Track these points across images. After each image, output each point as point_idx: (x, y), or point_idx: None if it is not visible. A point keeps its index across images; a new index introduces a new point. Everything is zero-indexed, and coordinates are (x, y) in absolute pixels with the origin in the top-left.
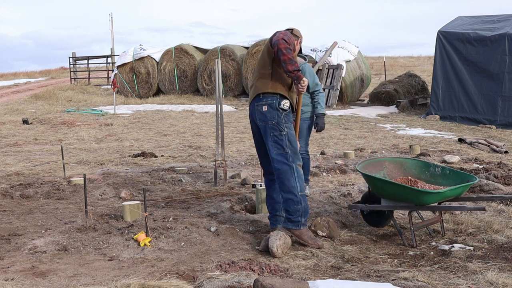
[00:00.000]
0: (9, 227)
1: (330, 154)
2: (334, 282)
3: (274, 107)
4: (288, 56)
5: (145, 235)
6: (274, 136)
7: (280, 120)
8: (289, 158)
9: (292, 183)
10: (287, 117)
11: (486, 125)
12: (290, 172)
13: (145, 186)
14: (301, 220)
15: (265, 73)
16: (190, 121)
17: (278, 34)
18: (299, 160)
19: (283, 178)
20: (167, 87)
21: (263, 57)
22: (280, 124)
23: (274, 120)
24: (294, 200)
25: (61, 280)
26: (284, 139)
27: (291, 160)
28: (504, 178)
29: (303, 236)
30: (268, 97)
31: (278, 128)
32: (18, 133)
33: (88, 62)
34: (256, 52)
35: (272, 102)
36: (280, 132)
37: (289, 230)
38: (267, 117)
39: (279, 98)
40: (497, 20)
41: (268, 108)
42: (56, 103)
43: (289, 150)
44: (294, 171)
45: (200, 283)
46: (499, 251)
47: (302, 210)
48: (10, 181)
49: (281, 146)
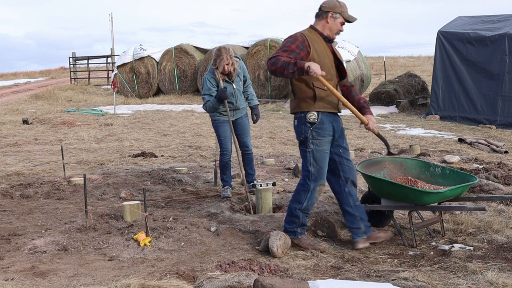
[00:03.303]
0: (9, 227)
1: None
2: (334, 282)
3: (302, 121)
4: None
5: (145, 235)
6: (301, 151)
7: (308, 135)
8: (311, 177)
9: (301, 199)
10: (317, 131)
11: (486, 125)
12: (304, 189)
13: (145, 186)
14: (297, 230)
15: (290, 90)
16: (190, 121)
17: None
18: (321, 179)
19: (297, 192)
20: (167, 87)
21: None
22: (307, 140)
23: (302, 136)
24: (293, 214)
25: (61, 280)
26: (309, 157)
27: (312, 179)
28: (504, 178)
29: (301, 244)
30: (298, 114)
31: (305, 144)
32: (18, 133)
33: (88, 62)
34: (256, 52)
35: (301, 116)
36: (306, 148)
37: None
38: (297, 131)
39: (306, 112)
40: (497, 20)
41: (298, 123)
42: (56, 103)
43: (313, 168)
44: (309, 191)
45: (200, 283)
46: (499, 251)
47: (298, 223)
48: (10, 181)
49: (305, 163)
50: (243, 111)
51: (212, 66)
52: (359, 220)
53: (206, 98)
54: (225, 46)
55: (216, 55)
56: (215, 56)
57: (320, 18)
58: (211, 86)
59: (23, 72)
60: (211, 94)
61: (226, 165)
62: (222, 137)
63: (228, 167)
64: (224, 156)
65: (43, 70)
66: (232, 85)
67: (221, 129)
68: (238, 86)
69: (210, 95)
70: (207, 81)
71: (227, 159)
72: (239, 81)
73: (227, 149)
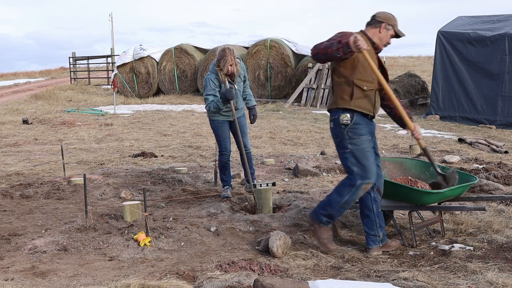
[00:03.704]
0: (9, 227)
1: (330, 154)
2: (334, 282)
3: (337, 123)
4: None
5: (145, 235)
6: (340, 154)
7: (343, 137)
8: (356, 176)
9: (343, 193)
10: (353, 131)
11: (486, 125)
12: (350, 184)
13: (145, 186)
14: (323, 219)
15: (330, 86)
16: (190, 121)
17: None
18: (368, 178)
19: (343, 183)
20: (167, 87)
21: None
22: (343, 141)
23: (338, 138)
24: (330, 203)
25: (61, 280)
26: (349, 157)
27: (358, 178)
28: (504, 178)
29: (318, 232)
30: (334, 112)
31: (342, 146)
32: (18, 133)
33: (88, 62)
34: (256, 52)
35: (335, 118)
36: (344, 150)
37: (313, 222)
38: (333, 134)
39: (340, 112)
40: (497, 20)
41: (333, 125)
42: (56, 103)
43: (356, 168)
44: (354, 187)
45: (200, 283)
46: (499, 251)
47: (329, 214)
48: (10, 181)
49: (346, 164)
50: (241, 111)
51: (215, 66)
52: (378, 228)
53: (209, 98)
54: (229, 47)
55: (220, 56)
56: (219, 56)
57: (373, 27)
58: (214, 87)
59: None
60: (215, 94)
61: (225, 165)
62: (221, 138)
63: (228, 167)
64: (224, 156)
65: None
66: (234, 85)
67: (220, 130)
68: (239, 86)
69: (214, 95)
70: (211, 82)
71: (226, 159)
72: (240, 81)
73: (227, 149)
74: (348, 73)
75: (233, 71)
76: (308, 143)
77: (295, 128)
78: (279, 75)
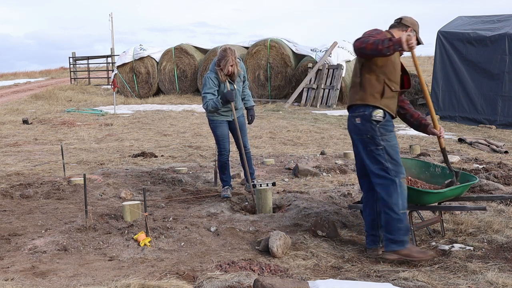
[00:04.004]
0: (9, 227)
1: (330, 154)
2: (334, 282)
3: (367, 118)
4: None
5: (145, 235)
6: (371, 151)
7: (375, 133)
8: (391, 172)
9: (394, 200)
10: (384, 128)
11: (486, 125)
12: (392, 187)
13: (145, 186)
14: (404, 238)
15: (356, 81)
16: (190, 121)
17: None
18: (402, 172)
19: (385, 193)
20: (167, 87)
21: (355, 63)
22: (375, 138)
23: (369, 134)
24: (395, 219)
25: (61, 280)
26: (382, 154)
27: (393, 174)
28: (504, 178)
29: (412, 254)
30: (360, 107)
31: (374, 143)
32: (18, 133)
33: (88, 62)
34: (256, 52)
35: (364, 114)
36: (377, 146)
37: (395, 253)
38: (361, 130)
39: (371, 108)
40: (497, 20)
41: (361, 120)
42: (56, 103)
43: (389, 164)
44: (397, 186)
45: (200, 283)
46: (499, 251)
47: (404, 228)
48: (10, 181)
49: (380, 161)
50: (240, 111)
51: (215, 66)
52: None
53: (208, 96)
54: (230, 47)
55: (221, 56)
56: (219, 56)
57: (399, 29)
58: (213, 85)
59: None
60: (213, 93)
61: (224, 165)
62: (220, 138)
63: (227, 167)
64: (223, 156)
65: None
66: (233, 85)
67: (219, 130)
68: (238, 86)
69: (212, 94)
70: (210, 80)
71: (225, 159)
72: (239, 81)
73: (226, 149)
74: (379, 71)
75: (233, 71)
76: (308, 143)
77: (295, 128)
78: (279, 75)
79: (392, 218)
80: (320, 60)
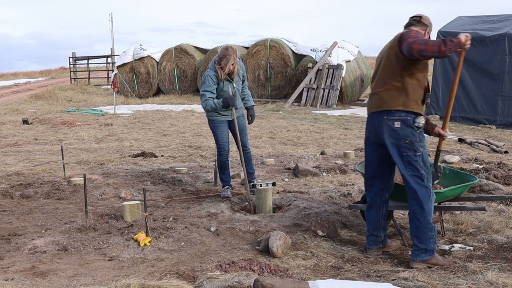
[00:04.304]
0: (9, 227)
1: (330, 154)
2: (334, 282)
3: (409, 124)
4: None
5: (145, 235)
6: (408, 157)
7: (415, 139)
8: (425, 179)
9: (429, 208)
10: (422, 135)
11: (486, 125)
12: (427, 195)
13: (145, 186)
14: (434, 247)
15: (395, 85)
16: (190, 121)
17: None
18: (430, 180)
19: (422, 201)
20: (167, 87)
21: (391, 63)
22: (415, 143)
23: (408, 139)
24: (428, 227)
25: (61, 280)
26: (419, 160)
27: (426, 182)
28: (504, 178)
29: (439, 262)
30: (402, 112)
31: (412, 148)
32: (18, 133)
33: (88, 62)
34: (256, 52)
35: (407, 119)
36: (415, 152)
37: (424, 262)
38: (399, 134)
39: (413, 115)
40: (497, 20)
41: (402, 125)
42: (56, 103)
43: (423, 171)
44: (431, 194)
45: (200, 283)
46: (499, 251)
47: (434, 237)
48: (10, 181)
49: (416, 167)
50: (240, 111)
51: (215, 64)
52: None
53: (206, 95)
54: (231, 46)
55: (222, 54)
56: (221, 55)
57: (421, 27)
58: (212, 83)
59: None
60: (211, 91)
61: (224, 165)
62: (219, 137)
63: (227, 167)
64: (222, 156)
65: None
66: (232, 84)
67: (218, 129)
68: (237, 85)
69: (211, 92)
70: (209, 78)
71: (225, 159)
72: (238, 80)
73: (225, 149)
74: (420, 76)
75: (233, 70)
76: (308, 143)
77: (295, 128)
78: (279, 75)
79: (425, 226)
80: (320, 60)
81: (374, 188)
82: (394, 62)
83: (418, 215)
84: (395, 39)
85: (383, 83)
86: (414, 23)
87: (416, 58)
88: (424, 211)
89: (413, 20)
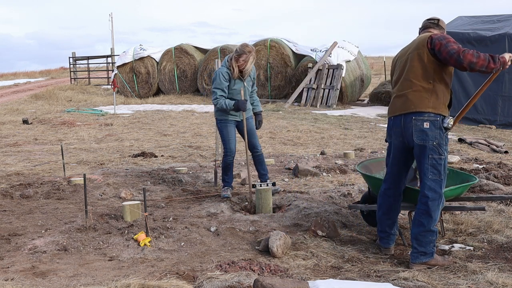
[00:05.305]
0: (9, 227)
1: (330, 154)
2: (334, 282)
3: (438, 125)
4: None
5: (145, 235)
6: (433, 159)
7: (442, 141)
8: (442, 186)
9: (436, 216)
10: (447, 137)
11: (486, 125)
12: (437, 202)
13: (145, 186)
14: (433, 250)
15: (424, 86)
16: (190, 121)
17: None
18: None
19: (430, 208)
20: (167, 87)
21: (420, 63)
22: (441, 146)
23: (436, 141)
24: (430, 232)
25: (61, 280)
26: (443, 164)
27: (442, 189)
28: (504, 178)
29: (439, 262)
30: (431, 114)
31: (438, 151)
32: (18, 133)
33: (88, 62)
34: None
35: (436, 120)
36: (440, 155)
37: (423, 264)
38: (428, 136)
39: (443, 117)
40: (497, 20)
41: (431, 126)
42: (56, 103)
43: (443, 177)
44: (441, 203)
45: (200, 283)
46: (499, 251)
47: (434, 240)
48: (10, 181)
49: (438, 171)
50: (249, 112)
51: (230, 60)
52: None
53: (218, 92)
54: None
55: (242, 51)
56: (240, 51)
57: (439, 31)
58: (223, 81)
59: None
60: (223, 89)
61: (228, 166)
62: (226, 138)
63: (231, 168)
64: (228, 157)
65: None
66: (243, 83)
67: (226, 130)
68: (248, 85)
69: (222, 91)
70: (221, 75)
71: (230, 160)
72: (249, 80)
73: (231, 150)
74: (448, 79)
75: (246, 68)
76: (308, 143)
77: (295, 128)
78: (279, 75)
79: (427, 231)
80: (320, 60)
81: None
82: (423, 64)
83: (423, 221)
84: (422, 41)
85: (410, 84)
86: (432, 26)
87: (459, 67)
88: (430, 219)
89: (430, 23)
